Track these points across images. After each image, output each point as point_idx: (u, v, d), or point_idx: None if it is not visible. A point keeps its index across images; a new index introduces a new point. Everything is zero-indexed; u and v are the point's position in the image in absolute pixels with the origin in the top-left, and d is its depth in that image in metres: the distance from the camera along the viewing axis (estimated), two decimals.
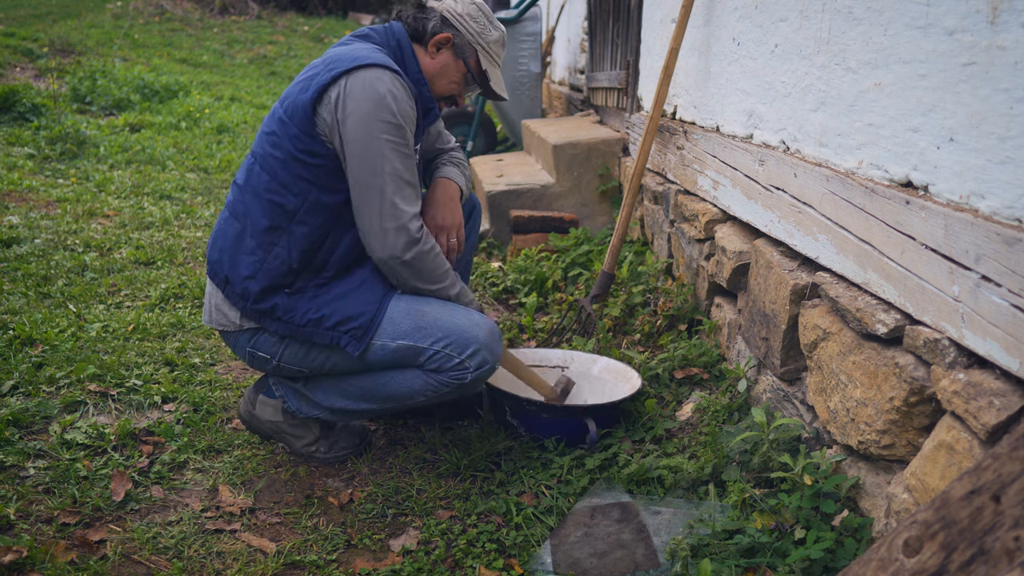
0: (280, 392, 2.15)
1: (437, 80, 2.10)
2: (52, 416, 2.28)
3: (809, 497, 1.73)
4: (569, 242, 3.75)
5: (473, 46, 2.09)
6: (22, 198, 4.42)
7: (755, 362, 2.27)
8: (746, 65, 2.43)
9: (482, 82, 2.14)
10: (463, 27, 2.08)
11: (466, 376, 1.97)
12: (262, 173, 1.98)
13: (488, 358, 1.98)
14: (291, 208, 1.96)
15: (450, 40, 2.07)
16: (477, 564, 1.77)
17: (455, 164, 2.31)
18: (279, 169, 1.96)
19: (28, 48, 8.79)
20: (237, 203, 2.04)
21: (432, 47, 2.07)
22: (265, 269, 1.97)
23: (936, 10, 1.51)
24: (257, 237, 1.98)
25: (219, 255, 2.04)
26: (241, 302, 2.00)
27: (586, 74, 5.33)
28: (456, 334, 1.96)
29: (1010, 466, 0.99)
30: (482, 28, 2.10)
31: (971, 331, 1.37)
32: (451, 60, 2.09)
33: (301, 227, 1.96)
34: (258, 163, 2.00)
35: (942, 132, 1.50)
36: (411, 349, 1.97)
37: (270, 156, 1.97)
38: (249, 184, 2.01)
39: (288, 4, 16.26)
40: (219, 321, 2.07)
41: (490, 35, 2.11)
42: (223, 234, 2.05)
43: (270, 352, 2.05)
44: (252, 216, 1.99)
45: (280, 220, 1.97)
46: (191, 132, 6.77)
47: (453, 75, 2.10)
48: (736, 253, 2.39)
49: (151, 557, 1.76)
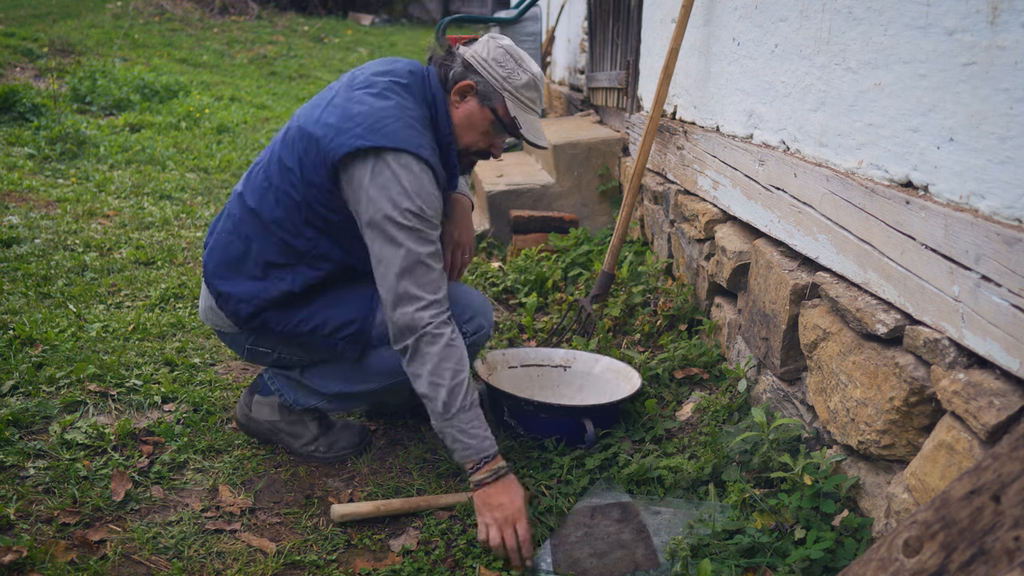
0: (276, 385, 2.16)
1: (464, 132, 2.00)
2: (52, 416, 2.28)
3: (809, 497, 1.73)
4: (569, 242, 3.75)
5: (499, 92, 1.95)
6: (22, 198, 4.42)
7: (755, 362, 2.27)
8: (746, 65, 2.43)
9: (513, 131, 1.99)
10: (488, 72, 1.95)
11: (464, 340, 2.01)
12: (276, 208, 1.95)
13: (484, 323, 2.07)
14: (301, 250, 1.96)
15: (474, 88, 1.96)
16: (477, 564, 1.77)
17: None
18: (293, 210, 1.93)
19: (28, 48, 8.79)
20: (243, 223, 2.00)
21: (455, 95, 1.97)
22: (264, 297, 1.98)
23: (936, 10, 1.51)
24: (261, 267, 1.98)
25: (216, 268, 2.02)
26: (234, 318, 2.02)
27: (586, 74, 5.33)
28: (452, 301, 2.00)
29: (1010, 466, 0.99)
30: (509, 72, 1.95)
31: (971, 331, 1.37)
32: (476, 108, 1.97)
33: (307, 268, 1.98)
34: (273, 193, 1.95)
35: (942, 132, 1.50)
36: None
37: (287, 195, 1.93)
38: (261, 212, 1.97)
39: (288, 4, 16.25)
40: (215, 323, 2.10)
41: (518, 79, 1.95)
42: (223, 248, 2.02)
43: (270, 347, 2.09)
44: (259, 245, 1.98)
45: (289, 258, 1.97)
46: (191, 132, 6.77)
47: (480, 125, 1.99)
48: (736, 253, 2.39)
49: (151, 557, 1.76)
